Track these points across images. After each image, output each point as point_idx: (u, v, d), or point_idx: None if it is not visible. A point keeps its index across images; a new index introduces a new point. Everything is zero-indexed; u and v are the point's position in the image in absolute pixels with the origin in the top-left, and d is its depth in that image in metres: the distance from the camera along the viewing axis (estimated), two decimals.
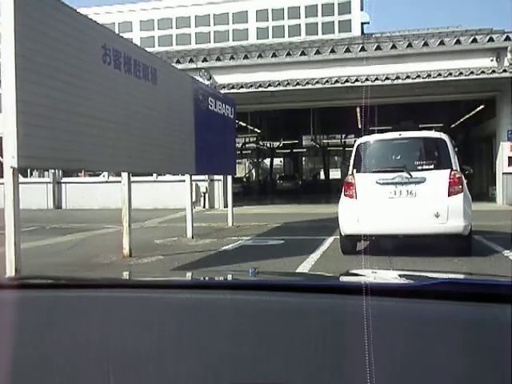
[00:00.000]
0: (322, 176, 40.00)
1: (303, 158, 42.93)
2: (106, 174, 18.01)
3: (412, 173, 6.72)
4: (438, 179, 6.67)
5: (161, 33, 25.06)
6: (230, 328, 0.88)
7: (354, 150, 7.34)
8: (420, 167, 6.82)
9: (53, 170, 18.01)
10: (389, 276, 1.28)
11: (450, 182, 6.59)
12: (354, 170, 7.10)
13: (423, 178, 6.71)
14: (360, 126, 25.20)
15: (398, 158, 7.12)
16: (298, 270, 6.02)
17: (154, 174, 16.79)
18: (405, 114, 23.28)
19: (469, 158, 23.40)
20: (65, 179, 19.39)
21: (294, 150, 38.61)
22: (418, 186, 6.68)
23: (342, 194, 7.10)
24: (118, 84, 6.56)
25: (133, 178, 8.11)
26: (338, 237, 7.53)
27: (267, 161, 40.85)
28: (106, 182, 18.27)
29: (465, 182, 7.04)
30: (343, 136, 36.33)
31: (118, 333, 0.93)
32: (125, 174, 7.81)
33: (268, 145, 36.42)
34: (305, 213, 15.09)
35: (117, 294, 1.04)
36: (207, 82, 17.68)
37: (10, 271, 4.80)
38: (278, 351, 0.84)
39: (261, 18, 23.99)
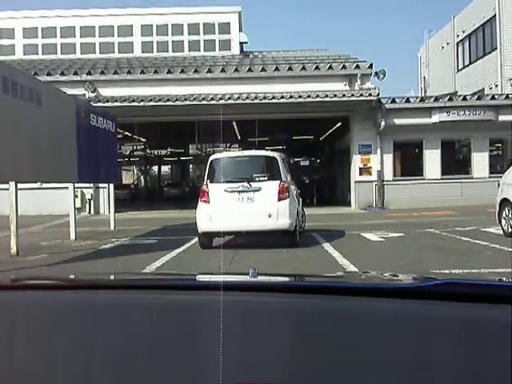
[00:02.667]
0: None
1: (190, 166, 44.36)
2: None
3: (251, 183, 8.59)
4: (270, 188, 8.59)
5: (45, 41, 25.17)
6: (228, 329, 0.88)
7: (208, 164, 9.12)
8: (257, 179, 8.69)
9: None
10: (389, 276, 1.26)
11: (279, 190, 8.56)
12: (208, 181, 8.87)
13: (260, 187, 8.60)
14: (239, 137, 27.36)
15: (241, 171, 8.96)
16: (157, 261, 7.56)
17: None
18: (281, 128, 25.57)
19: (333, 167, 26.38)
20: None
21: (182, 158, 39.87)
22: (256, 194, 8.56)
23: (199, 199, 8.81)
24: (5, 107, 7.66)
25: (18, 186, 8.96)
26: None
27: (156, 168, 41.83)
28: None
29: (294, 189, 9.09)
30: (227, 145, 38.31)
31: (117, 333, 0.94)
32: (12, 183, 8.84)
33: (156, 153, 37.38)
34: (185, 217, 16.39)
35: (116, 295, 1.05)
36: (92, 95, 18.45)
37: None
38: (276, 352, 0.84)
39: (145, 33, 25.10)
